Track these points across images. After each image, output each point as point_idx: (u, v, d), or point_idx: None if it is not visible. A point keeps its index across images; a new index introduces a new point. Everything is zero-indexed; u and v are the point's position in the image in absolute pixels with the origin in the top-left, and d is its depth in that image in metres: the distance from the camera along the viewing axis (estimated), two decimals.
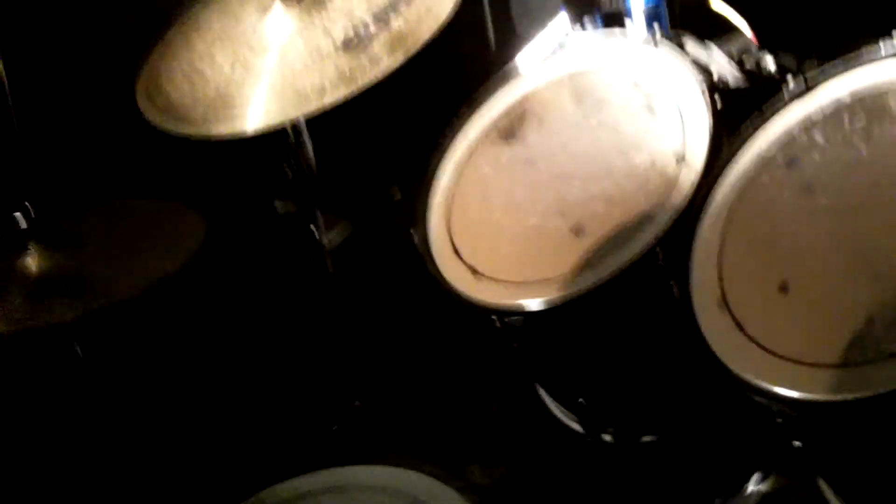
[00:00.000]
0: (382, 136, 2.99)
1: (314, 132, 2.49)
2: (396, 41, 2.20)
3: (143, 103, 2.29)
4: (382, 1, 2.25)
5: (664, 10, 2.70)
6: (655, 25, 2.24)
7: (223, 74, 2.29)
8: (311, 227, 2.53)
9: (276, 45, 2.30)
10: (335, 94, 2.15)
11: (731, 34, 2.72)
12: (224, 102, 2.24)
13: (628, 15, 2.70)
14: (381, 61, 2.16)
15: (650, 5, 2.67)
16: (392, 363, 2.74)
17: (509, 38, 3.58)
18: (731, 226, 1.90)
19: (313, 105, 2.16)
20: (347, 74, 2.16)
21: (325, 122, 2.35)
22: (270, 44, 2.31)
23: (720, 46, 2.29)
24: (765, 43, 2.41)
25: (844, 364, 1.65)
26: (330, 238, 2.56)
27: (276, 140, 2.44)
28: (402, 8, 2.22)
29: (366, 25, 2.24)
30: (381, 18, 2.23)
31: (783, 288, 1.80)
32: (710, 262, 1.88)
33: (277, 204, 2.78)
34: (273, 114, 2.19)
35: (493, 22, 3.54)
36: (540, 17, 3.31)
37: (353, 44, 2.21)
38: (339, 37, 2.25)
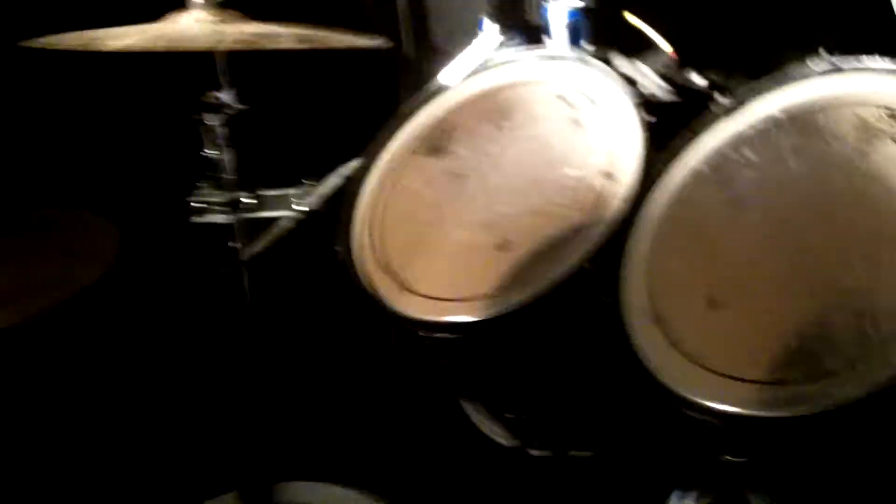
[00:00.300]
0: (302, 148, 2.96)
1: (234, 141, 2.45)
2: (306, 38, 2.15)
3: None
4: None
5: (584, 25, 2.71)
6: (583, 43, 2.22)
7: None
8: (231, 239, 2.48)
9: None
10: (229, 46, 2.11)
11: (651, 49, 2.74)
12: None
13: (548, 30, 2.71)
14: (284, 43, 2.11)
15: (571, 20, 2.68)
16: (317, 380, 2.70)
17: (426, 49, 3.57)
18: (663, 241, 1.90)
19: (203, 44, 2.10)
20: (248, 41, 2.10)
21: (243, 131, 2.31)
22: None
23: (643, 61, 2.30)
24: (684, 57, 2.42)
25: (779, 381, 1.66)
26: (249, 250, 2.51)
27: (193, 145, 2.39)
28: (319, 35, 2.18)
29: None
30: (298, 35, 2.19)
31: (714, 303, 1.81)
32: (642, 278, 1.88)
33: (195, 211, 2.73)
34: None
35: (408, 31, 3.52)
36: (459, 28, 3.31)
37: (263, 35, 2.16)
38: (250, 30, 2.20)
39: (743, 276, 1.82)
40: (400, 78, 3.49)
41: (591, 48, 2.24)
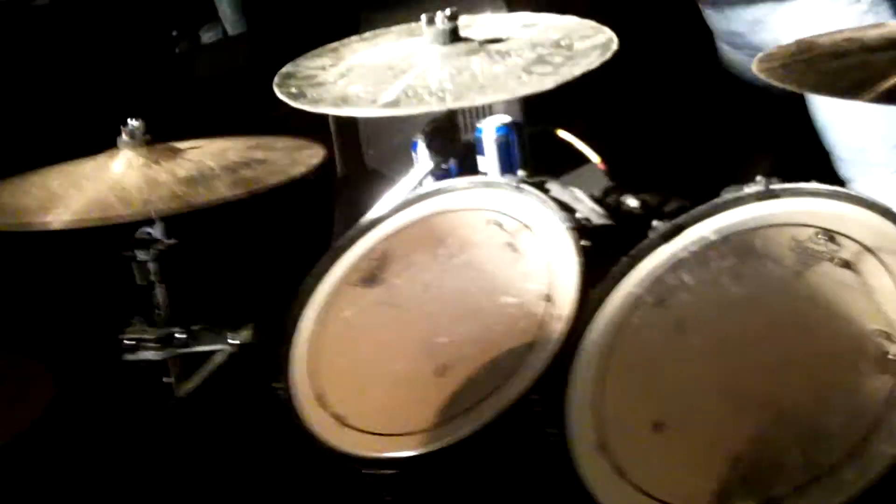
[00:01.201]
0: (237, 278, 2.93)
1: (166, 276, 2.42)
2: (241, 182, 2.14)
3: None
4: (237, 157, 2.20)
5: (514, 139, 2.73)
6: (519, 171, 2.23)
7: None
8: (165, 376, 2.43)
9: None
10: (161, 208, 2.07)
11: (583, 164, 2.76)
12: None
13: (480, 146, 2.73)
14: (219, 192, 2.10)
15: (500, 134, 2.70)
16: None
17: (360, 172, 3.58)
18: (606, 368, 1.88)
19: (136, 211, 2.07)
20: (181, 196, 2.08)
21: (175, 265, 2.28)
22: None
23: (573, 177, 2.31)
24: (619, 180, 2.45)
25: None
26: (185, 387, 2.46)
27: (125, 283, 2.36)
28: (255, 165, 2.17)
29: (212, 170, 2.18)
30: (231, 169, 2.17)
31: (659, 427, 1.78)
32: (587, 406, 1.85)
33: (127, 348, 2.68)
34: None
35: (341, 153, 3.54)
36: (392, 150, 3.33)
37: (195, 180, 2.14)
38: (182, 174, 2.18)
39: (687, 400, 1.80)
40: (335, 200, 3.49)
41: (523, 173, 2.23)
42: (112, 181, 2.15)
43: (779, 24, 2.81)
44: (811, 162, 2.66)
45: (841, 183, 2.82)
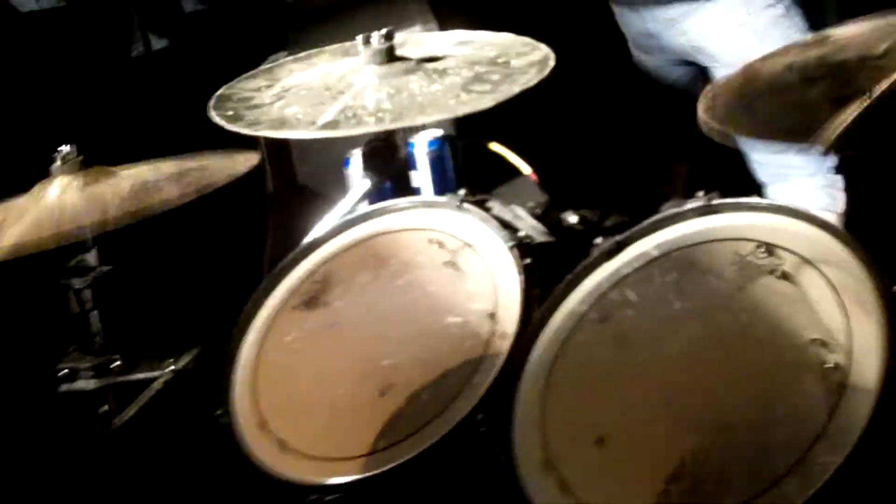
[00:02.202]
0: (174, 301, 2.90)
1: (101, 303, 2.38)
2: (189, 185, 2.11)
3: None
4: (175, 168, 2.17)
5: (447, 153, 2.73)
6: (462, 191, 2.22)
7: None
8: (102, 406, 2.40)
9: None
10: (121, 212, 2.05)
11: (516, 177, 2.77)
12: None
13: (413, 161, 2.72)
14: (171, 196, 2.07)
15: (433, 148, 2.70)
16: None
17: (292, 189, 3.56)
18: (551, 385, 1.88)
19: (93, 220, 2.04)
20: (134, 206, 2.05)
21: (111, 292, 2.25)
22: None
23: (507, 189, 2.31)
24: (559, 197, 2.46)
25: None
26: (122, 415, 2.42)
27: (59, 310, 2.33)
28: (194, 173, 2.14)
29: (156, 181, 2.15)
30: (174, 179, 2.14)
31: (602, 442, 1.78)
32: (532, 424, 1.84)
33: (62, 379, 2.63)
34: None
35: (272, 170, 3.51)
36: (324, 167, 3.31)
37: (143, 190, 2.11)
38: (127, 188, 2.15)
39: (632, 415, 1.80)
40: (267, 217, 3.47)
41: (464, 192, 2.23)
42: (51, 205, 2.12)
43: (693, 25, 2.84)
44: (728, 168, 2.68)
45: (757, 187, 2.85)
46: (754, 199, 1.90)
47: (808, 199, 2.75)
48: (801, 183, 2.80)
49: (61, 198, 2.13)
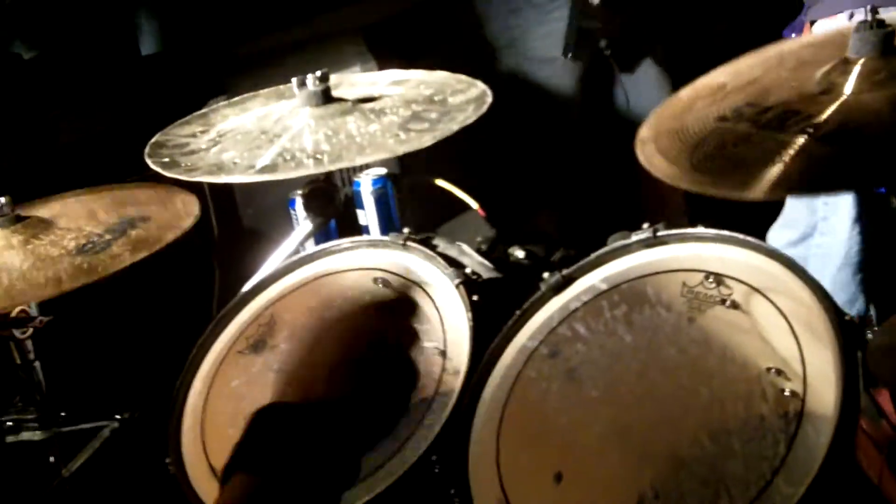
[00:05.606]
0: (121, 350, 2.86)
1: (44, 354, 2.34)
2: (139, 244, 2.08)
3: None
4: (115, 220, 2.13)
5: (391, 191, 2.72)
6: (406, 229, 2.21)
7: None
8: (50, 456, 2.36)
9: None
10: (74, 284, 1.99)
11: (463, 212, 2.76)
12: None
13: (359, 200, 2.70)
14: (123, 258, 2.03)
15: (377, 186, 2.69)
16: None
17: (236, 231, 3.54)
18: (505, 423, 1.86)
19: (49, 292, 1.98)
20: (86, 268, 2.01)
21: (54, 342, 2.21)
22: None
23: (454, 224, 2.30)
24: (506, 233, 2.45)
25: None
26: (71, 467, 2.38)
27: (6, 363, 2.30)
28: (140, 224, 2.11)
29: (100, 236, 2.11)
30: (117, 231, 2.11)
31: (559, 478, 1.77)
32: (488, 462, 1.82)
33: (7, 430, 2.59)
34: None
35: (217, 214, 3.48)
36: (268, 207, 3.29)
37: (90, 249, 2.07)
38: (72, 246, 2.10)
39: (587, 451, 1.79)
40: (214, 261, 3.44)
41: (408, 230, 2.21)
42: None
43: None
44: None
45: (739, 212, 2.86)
46: (700, 230, 1.90)
47: None
48: None
49: (6, 257, 2.05)
